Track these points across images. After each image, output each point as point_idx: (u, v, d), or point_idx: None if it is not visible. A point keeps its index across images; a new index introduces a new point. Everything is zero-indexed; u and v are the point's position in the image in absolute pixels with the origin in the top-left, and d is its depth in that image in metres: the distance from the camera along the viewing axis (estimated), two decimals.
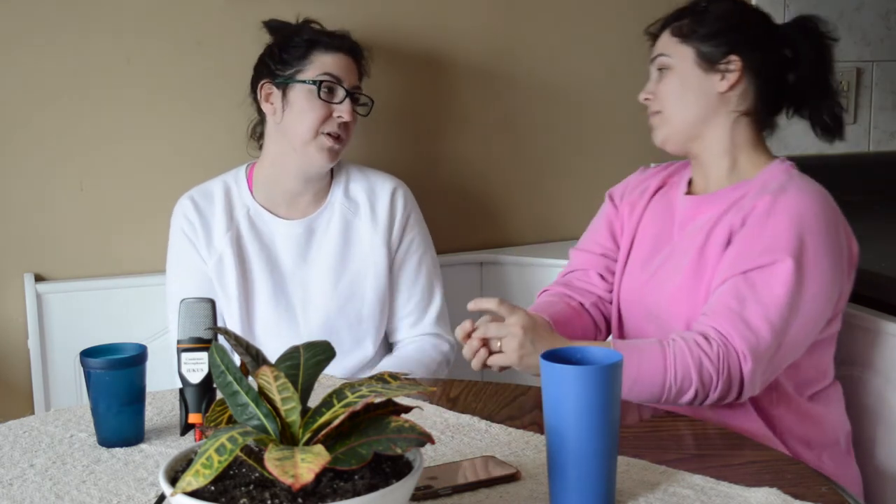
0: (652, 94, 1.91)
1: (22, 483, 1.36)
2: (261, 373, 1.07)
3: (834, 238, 1.73)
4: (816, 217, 1.72)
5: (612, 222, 2.01)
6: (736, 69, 1.83)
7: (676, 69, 1.87)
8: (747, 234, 1.73)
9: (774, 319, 1.64)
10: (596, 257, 2.00)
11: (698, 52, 1.85)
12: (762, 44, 1.86)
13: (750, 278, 1.67)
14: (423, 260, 2.23)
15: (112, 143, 2.36)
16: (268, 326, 2.15)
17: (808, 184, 1.79)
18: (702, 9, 1.88)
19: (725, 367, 1.61)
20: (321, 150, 2.10)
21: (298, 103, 2.09)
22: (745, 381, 1.62)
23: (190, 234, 2.16)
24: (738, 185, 1.83)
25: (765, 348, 1.63)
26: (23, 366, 2.34)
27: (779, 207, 1.73)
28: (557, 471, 1.22)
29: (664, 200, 1.95)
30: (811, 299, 1.68)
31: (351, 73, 2.14)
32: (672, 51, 1.87)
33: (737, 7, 1.90)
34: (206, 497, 1.01)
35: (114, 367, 1.46)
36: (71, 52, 2.31)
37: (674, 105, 1.87)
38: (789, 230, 1.69)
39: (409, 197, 2.24)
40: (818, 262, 1.69)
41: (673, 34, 1.87)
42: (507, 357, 1.62)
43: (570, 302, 1.95)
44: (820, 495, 1.29)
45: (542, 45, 2.65)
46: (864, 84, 2.92)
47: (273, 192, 2.18)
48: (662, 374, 1.61)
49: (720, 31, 1.84)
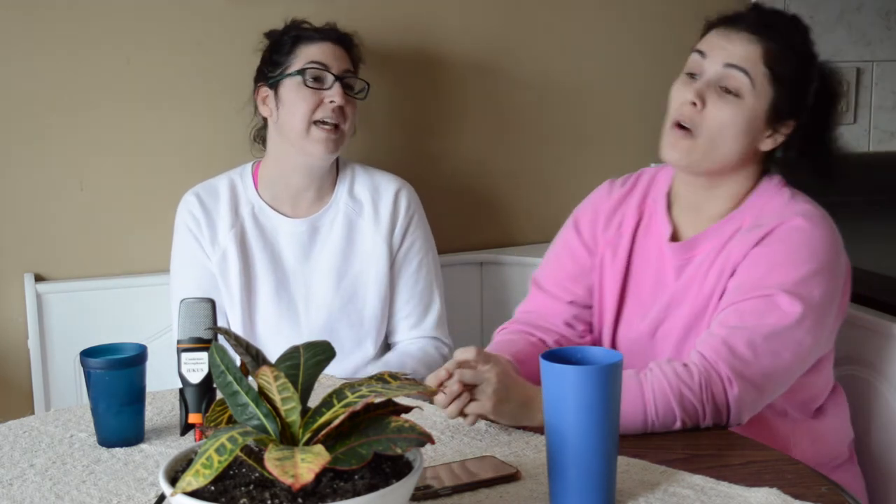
0: (701, 101, 1.65)
1: (22, 483, 1.36)
2: (261, 373, 1.07)
3: (833, 268, 1.63)
4: (816, 248, 1.61)
5: (586, 268, 1.82)
6: (785, 134, 1.69)
7: (748, 102, 1.65)
8: (746, 265, 1.63)
9: (760, 345, 1.54)
10: (563, 305, 1.82)
11: (775, 101, 1.65)
12: (813, 109, 1.70)
13: (741, 308, 1.57)
14: (423, 262, 2.23)
15: (112, 142, 2.36)
16: (270, 324, 2.15)
17: (807, 208, 1.67)
18: (800, 49, 1.68)
19: (709, 394, 1.50)
20: (318, 141, 2.09)
21: (289, 96, 2.10)
22: (731, 407, 1.52)
23: (194, 229, 2.16)
24: (731, 216, 1.70)
25: (751, 373, 1.52)
26: (23, 366, 2.34)
27: (777, 238, 1.62)
28: (557, 471, 1.22)
29: (650, 239, 1.77)
30: (807, 331, 1.57)
31: (339, 59, 2.14)
32: (758, 78, 1.64)
33: (813, 63, 1.71)
34: (206, 497, 1.01)
35: (114, 367, 1.46)
36: (71, 52, 2.31)
37: (719, 141, 1.65)
38: (787, 262, 1.59)
39: (413, 198, 2.24)
40: (816, 295, 1.58)
41: (766, 62, 1.64)
42: (481, 405, 1.48)
43: (531, 338, 1.78)
44: (820, 495, 1.29)
45: (544, 44, 2.65)
46: (864, 84, 2.92)
47: (277, 189, 2.18)
48: (643, 412, 1.49)
49: (800, 89, 1.67)
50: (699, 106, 1.65)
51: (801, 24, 1.73)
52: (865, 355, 2.01)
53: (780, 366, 1.56)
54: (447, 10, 2.57)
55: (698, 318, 1.68)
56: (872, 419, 2.01)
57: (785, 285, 1.57)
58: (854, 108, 2.92)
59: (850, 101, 2.90)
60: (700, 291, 1.68)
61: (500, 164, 2.66)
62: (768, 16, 1.72)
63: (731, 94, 1.64)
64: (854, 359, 2.03)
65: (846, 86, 1.80)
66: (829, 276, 1.61)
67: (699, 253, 1.70)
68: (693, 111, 1.65)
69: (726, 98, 1.65)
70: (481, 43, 2.61)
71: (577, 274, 1.82)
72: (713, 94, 1.65)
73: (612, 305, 1.79)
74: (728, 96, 1.64)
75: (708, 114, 1.65)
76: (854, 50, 2.90)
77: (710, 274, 1.67)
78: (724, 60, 1.65)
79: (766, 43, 1.65)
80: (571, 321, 1.82)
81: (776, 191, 1.71)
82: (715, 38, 1.69)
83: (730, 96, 1.64)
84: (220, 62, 2.39)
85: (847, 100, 2.89)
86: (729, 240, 1.68)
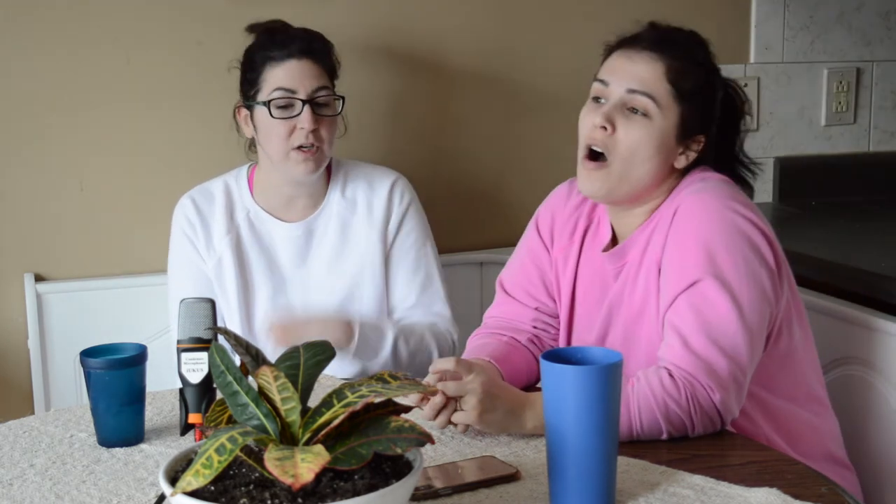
0: (610, 125, 1.64)
1: (22, 483, 1.36)
2: (261, 373, 1.07)
3: (733, 231, 1.58)
4: (711, 220, 1.58)
5: (545, 273, 1.82)
6: (698, 150, 1.68)
7: (656, 122, 1.64)
8: (665, 259, 1.62)
9: (717, 340, 1.52)
10: (530, 311, 1.81)
11: (683, 117, 1.65)
12: (720, 125, 1.71)
13: (679, 307, 1.56)
14: (422, 252, 2.20)
15: (112, 142, 2.36)
16: (267, 329, 2.14)
17: (698, 186, 1.64)
18: (702, 62, 1.69)
19: (696, 404, 1.49)
20: (298, 163, 2.06)
21: (262, 125, 2.07)
22: (721, 410, 1.51)
23: (190, 234, 2.16)
24: (652, 217, 1.68)
25: (725, 373, 1.51)
26: (23, 366, 2.34)
27: (678, 227, 1.60)
28: (557, 471, 1.22)
29: (593, 248, 1.78)
30: (746, 303, 1.54)
31: (308, 77, 2.06)
32: (664, 100, 1.64)
33: (717, 76, 1.72)
34: (206, 497, 1.01)
35: (114, 367, 1.46)
36: (71, 52, 2.31)
37: (633, 164, 1.64)
38: (694, 247, 1.57)
39: (407, 189, 2.22)
40: (731, 266, 1.56)
41: (669, 79, 1.64)
42: (466, 415, 1.47)
43: (503, 338, 1.78)
44: (820, 495, 1.29)
45: (544, 44, 2.65)
46: (863, 84, 2.92)
47: (271, 195, 2.18)
48: (628, 425, 1.48)
49: (706, 102, 1.68)
50: (609, 130, 1.64)
51: (699, 38, 1.73)
52: (865, 355, 2.01)
53: (742, 349, 1.54)
54: (447, 9, 2.56)
55: (636, 323, 1.67)
56: (871, 419, 2.01)
57: (702, 266, 1.55)
58: (854, 108, 2.92)
59: (850, 101, 2.90)
60: (633, 295, 1.67)
61: (501, 164, 2.66)
62: (666, 32, 1.70)
63: (639, 115, 1.64)
64: (853, 358, 2.03)
65: (746, 98, 1.78)
66: (738, 240, 1.58)
67: (630, 258, 1.70)
68: (604, 135, 1.64)
69: (634, 119, 1.64)
70: (482, 42, 2.61)
71: (541, 281, 1.82)
72: (621, 116, 1.64)
73: (565, 316, 1.79)
74: (636, 117, 1.64)
75: (618, 136, 1.64)
76: (854, 50, 2.90)
77: (639, 276, 1.67)
78: (628, 85, 1.65)
79: (668, 60, 1.65)
80: (541, 325, 1.81)
81: (688, 178, 1.69)
82: (616, 60, 1.69)
83: (638, 116, 1.64)
84: (220, 62, 2.39)
85: (847, 100, 2.90)
86: (650, 240, 1.67)
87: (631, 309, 1.68)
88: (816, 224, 2.66)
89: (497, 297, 1.87)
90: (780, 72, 2.84)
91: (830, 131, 2.91)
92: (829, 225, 2.64)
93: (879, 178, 2.93)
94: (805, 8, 2.83)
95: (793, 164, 2.87)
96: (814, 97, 2.88)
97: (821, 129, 2.90)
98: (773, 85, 2.84)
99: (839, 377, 2.06)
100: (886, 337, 1.96)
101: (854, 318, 2.02)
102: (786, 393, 1.70)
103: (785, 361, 1.68)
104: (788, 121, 2.87)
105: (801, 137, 2.90)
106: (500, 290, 1.86)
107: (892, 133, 2.97)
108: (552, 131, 2.70)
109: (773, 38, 2.82)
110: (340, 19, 2.26)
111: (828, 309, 2.08)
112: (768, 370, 1.65)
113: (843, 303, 2.08)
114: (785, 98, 2.86)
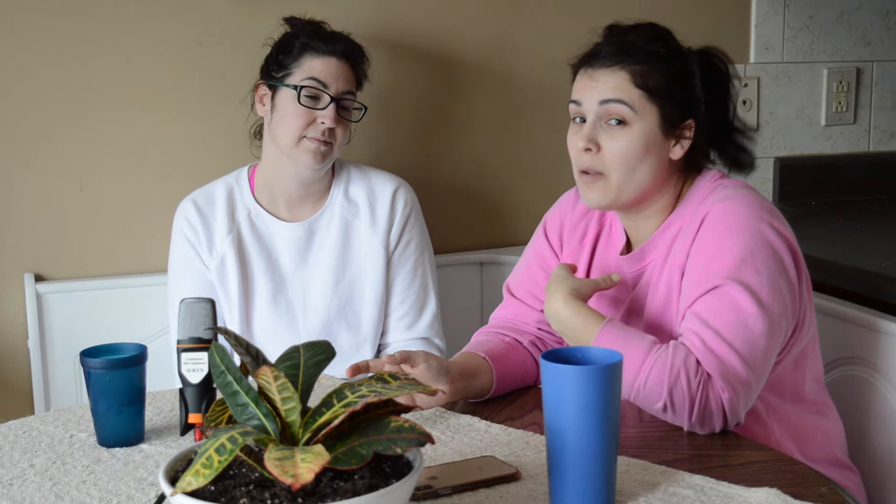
0: (594, 145, 1.67)
1: (22, 483, 1.36)
2: (261, 373, 1.07)
3: (763, 241, 1.59)
4: (741, 228, 1.59)
5: None
6: (690, 136, 1.69)
7: (637, 127, 1.65)
8: (690, 261, 1.63)
9: (733, 342, 1.53)
10: (535, 312, 1.81)
11: (663, 113, 1.66)
12: (706, 100, 1.70)
13: (697, 311, 1.56)
14: (419, 262, 2.21)
15: (112, 143, 2.36)
16: (267, 330, 2.14)
17: (727, 192, 1.66)
18: (666, 55, 1.68)
19: (704, 395, 1.50)
20: (306, 152, 2.07)
21: (283, 107, 2.08)
22: (727, 410, 1.51)
23: (192, 238, 2.15)
24: (670, 220, 1.70)
25: (739, 376, 1.52)
26: (23, 366, 2.34)
27: (706, 234, 1.61)
28: (557, 471, 1.22)
29: (608, 252, 1.79)
30: (767, 309, 1.56)
31: (341, 78, 2.09)
32: (637, 104, 1.65)
33: (687, 58, 1.71)
34: (206, 497, 1.01)
35: (114, 367, 1.46)
36: (71, 52, 2.31)
37: (628, 171, 1.66)
38: (722, 249, 1.58)
39: (410, 197, 2.23)
40: (755, 275, 1.57)
41: (636, 84, 1.65)
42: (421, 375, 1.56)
43: (504, 338, 1.79)
44: (820, 495, 1.29)
45: (544, 43, 2.65)
46: (864, 84, 2.92)
47: (273, 193, 2.18)
48: (633, 376, 1.52)
49: (683, 91, 1.68)
50: (594, 150, 1.66)
51: (658, 30, 1.73)
52: (865, 355, 2.01)
53: (759, 356, 1.55)
54: (449, 9, 2.57)
55: (655, 325, 1.67)
56: (872, 419, 2.01)
57: (727, 272, 1.56)
58: (854, 108, 2.92)
59: (850, 101, 2.91)
60: (654, 298, 1.68)
61: (501, 164, 2.66)
62: (623, 35, 1.71)
63: (618, 125, 1.65)
64: (853, 358, 2.03)
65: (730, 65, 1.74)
66: (764, 251, 1.59)
67: (649, 261, 1.71)
68: (591, 156, 1.67)
69: (614, 131, 1.65)
70: (482, 43, 2.61)
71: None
72: (602, 132, 1.66)
73: None
74: (616, 128, 1.65)
75: (605, 153, 1.66)
76: (854, 50, 2.90)
77: (661, 280, 1.68)
78: (598, 99, 1.66)
79: (629, 67, 1.66)
80: (545, 327, 1.80)
81: (708, 183, 1.70)
82: (581, 81, 1.71)
83: (618, 127, 1.65)
84: (220, 62, 2.39)
85: (847, 100, 2.90)
86: (673, 241, 1.68)
87: (651, 311, 1.69)
88: (816, 224, 2.66)
89: (504, 300, 1.88)
90: (780, 72, 2.84)
91: (830, 131, 2.92)
92: (829, 225, 2.64)
93: (879, 178, 2.93)
94: (805, 8, 2.83)
95: (793, 164, 2.87)
96: (814, 97, 2.88)
97: (821, 129, 2.91)
98: (773, 85, 2.84)
99: (840, 377, 2.06)
100: (887, 337, 1.96)
101: (854, 319, 2.02)
102: (795, 396, 1.71)
103: (796, 365, 1.69)
104: (788, 121, 2.88)
105: (801, 137, 2.90)
106: (507, 293, 1.87)
107: (892, 133, 2.98)
108: (552, 131, 2.70)
109: (773, 38, 2.82)
110: (340, 19, 2.26)
111: (828, 309, 2.08)
112: (779, 374, 1.66)
113: (844, 303, 2.08)
114: (785, 98, 2.86)
